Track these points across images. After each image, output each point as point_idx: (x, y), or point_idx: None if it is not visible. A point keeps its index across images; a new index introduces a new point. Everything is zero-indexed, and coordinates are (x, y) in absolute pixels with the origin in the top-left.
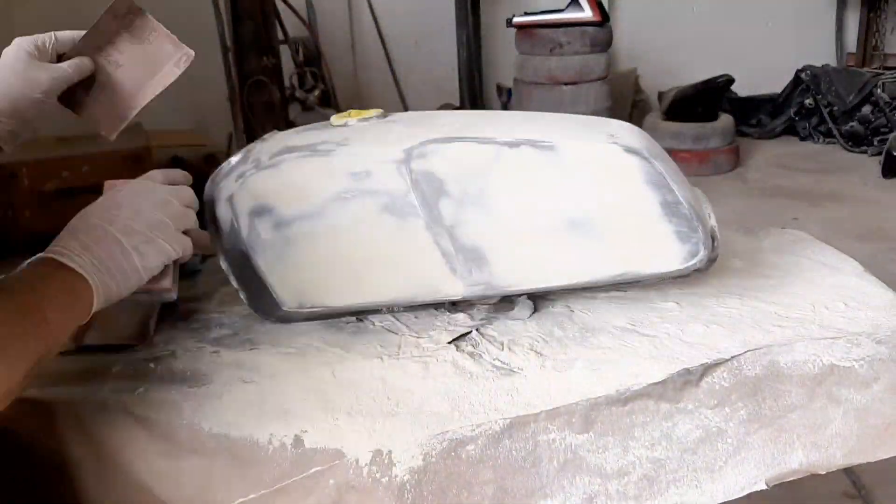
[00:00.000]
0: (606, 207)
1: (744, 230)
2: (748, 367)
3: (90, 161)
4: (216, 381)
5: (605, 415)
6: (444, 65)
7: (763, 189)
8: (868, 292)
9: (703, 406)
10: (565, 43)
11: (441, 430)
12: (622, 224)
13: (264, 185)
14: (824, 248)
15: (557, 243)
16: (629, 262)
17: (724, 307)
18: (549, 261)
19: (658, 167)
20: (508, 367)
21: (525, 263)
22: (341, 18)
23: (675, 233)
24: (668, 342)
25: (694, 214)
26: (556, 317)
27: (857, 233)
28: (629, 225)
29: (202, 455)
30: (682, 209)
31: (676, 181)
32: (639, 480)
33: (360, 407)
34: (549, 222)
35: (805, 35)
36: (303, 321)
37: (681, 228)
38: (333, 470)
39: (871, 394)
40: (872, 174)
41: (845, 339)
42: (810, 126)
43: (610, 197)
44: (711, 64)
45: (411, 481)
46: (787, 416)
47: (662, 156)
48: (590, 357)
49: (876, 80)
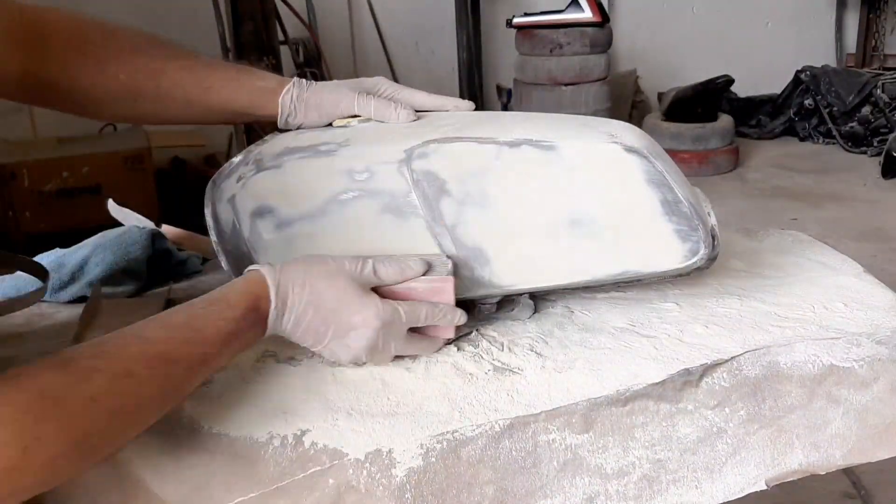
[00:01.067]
0: (607, 206)
1: (743, 231)
2: (748, 367)
3: (90, 161)
4: (216, 380)
5: (604, 415)
6: (444, 65)
7: (763, 189)
8: (868, 293)
9: (703, 406)
10: (565, 43)
11: (441, 431)
12: (623, 223)
13: (266, 186)
14: (824, 249)
15: (559, 242)
16: (630, 260)
17: (724, 308)
18: (551, 260)
19: (658, 166)
20: (508, 367)
21: (526, 263)
22: (341, 19)
23: (676, 231)
24: (668, 343)
25: (694, 213)
26: (556, 317)
27: (856, 233)
28: (630, 224)
29: (201, 454)
30: (683, 207)
31: (676, 180)
32: (639, 481)
33: (360, 407)
34: (551, 221)
35: (805, 35)
36: None
37: (681, 227)
38: (333, 470)
39: (871, 394)
40: (872, 175)
41: (845, 340)
42: (810, 127)
43: (611, 196)
44: (711, 64)
45: (411, 481)
46: (787, 417)
47: (662, 155)
48: (590, 357)
49: (875, 80)
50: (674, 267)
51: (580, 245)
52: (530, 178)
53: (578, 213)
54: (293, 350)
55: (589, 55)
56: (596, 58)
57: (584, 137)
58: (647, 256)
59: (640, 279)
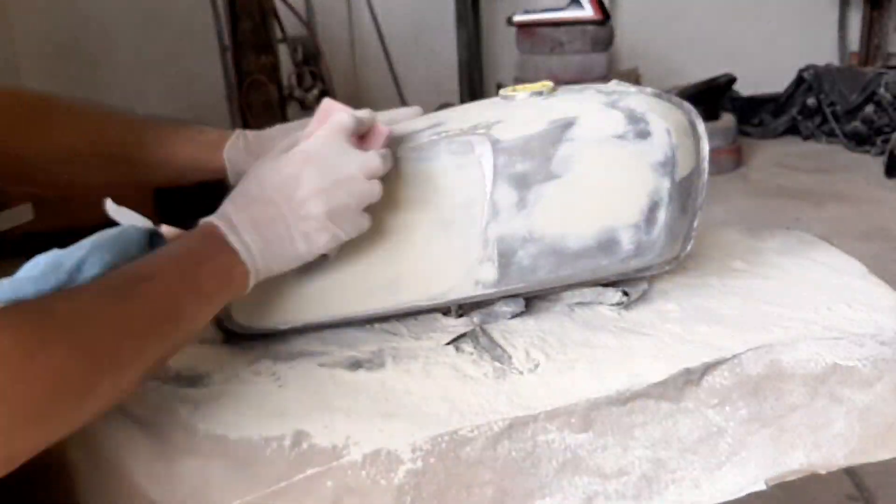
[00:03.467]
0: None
1: (747, 230)
2: (750, 365)
3: None
4: (213, 381)
5: (604, 415)
6: (444, 64)
7: (765, 189)
8: (872, 294)
9: (704, 405)
10: (566, 42)
11: (440, 432)
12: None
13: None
14: (828, 249)
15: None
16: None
17: (727, 308)
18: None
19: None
20: (507, 368)
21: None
22: (340, 17)
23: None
24: (669, 342)
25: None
26: (556, 316)
27: (860, 233)
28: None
29: (198, 456)
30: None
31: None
32: (638, 480)
33: (359, 408)
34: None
35: (808, 34)
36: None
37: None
38: (331, 472)
39: (874, 394)
40: (875, 174)
41: (848, 340)
42: (813, 126)
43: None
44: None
45: (410, 483)
46: (789, 416)
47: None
48: (590, 357)
49: (879, 79)
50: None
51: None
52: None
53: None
54: (291, 352)
55: (590, 53)
56: (597, 56)
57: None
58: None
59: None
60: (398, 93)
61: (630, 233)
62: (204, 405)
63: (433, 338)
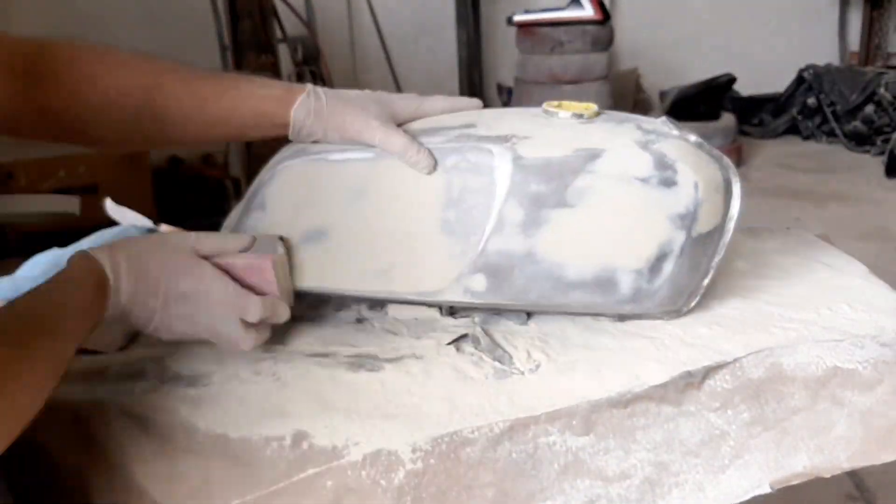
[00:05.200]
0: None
1: (747, 230)
2: (751, 369)
3: (87, 161)
4: (214, 381)
5: (606, 417)
6: (445, 63)
7: (765, 189)
8: (873, 294)
9: (706, 409)
10: (566, 41)
11: (440, 433)
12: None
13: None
14: (828, 250)
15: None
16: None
17: (727, 308)
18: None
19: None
20: (508, 368)
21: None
22: (340, 17)
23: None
24: (670, 344)
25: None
26: (556, 318)
27: (860, 233)
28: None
29: (198, 456)
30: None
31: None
32: (640, 484)
33: (359, 408)
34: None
35: (808, 34)
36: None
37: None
38: (331, 472)
39: (876, 396)
40: (876, 174)
41: (849, 342)
42: (813, 125)
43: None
44: (713, 63)
45: (410, 484)
46: (791, 419)
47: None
48: (591, 359)
49: (879, 79)
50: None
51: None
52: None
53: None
54: (291, 352)
55: (590, 53)
56: (597, 56)
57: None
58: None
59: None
60: (398, 92)
61: (631, 277)
62: (204, 405)
63: (434, 338)
